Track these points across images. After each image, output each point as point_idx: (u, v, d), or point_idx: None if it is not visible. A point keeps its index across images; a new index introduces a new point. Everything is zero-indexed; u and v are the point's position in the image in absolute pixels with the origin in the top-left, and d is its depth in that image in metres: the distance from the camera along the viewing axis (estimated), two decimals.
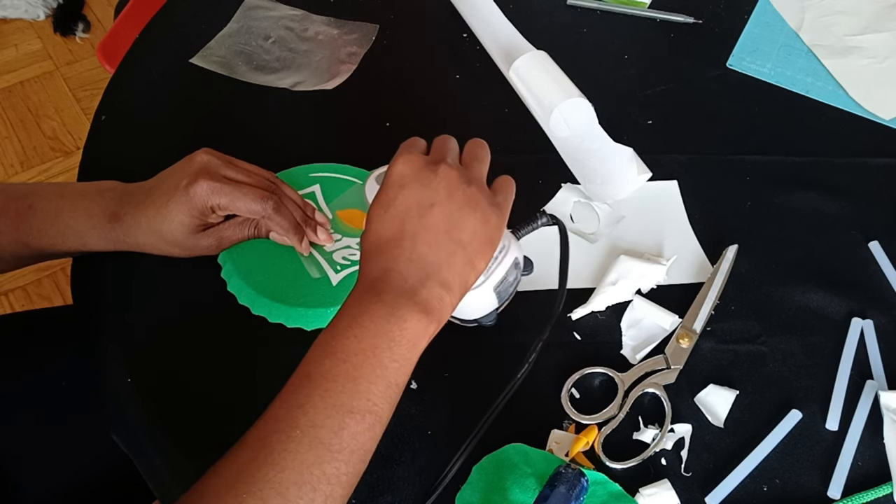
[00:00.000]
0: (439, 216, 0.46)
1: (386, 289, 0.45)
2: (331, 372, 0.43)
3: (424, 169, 0.47)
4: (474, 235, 0.47)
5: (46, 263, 1.54)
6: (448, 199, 0.47)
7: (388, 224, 0.47)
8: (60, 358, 0.74)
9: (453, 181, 0.47)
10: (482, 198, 0.48)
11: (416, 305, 0.44)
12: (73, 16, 2.00)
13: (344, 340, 0.44)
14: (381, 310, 0.44)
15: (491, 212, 0.48)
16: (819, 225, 0.67)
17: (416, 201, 0.47)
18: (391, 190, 0.47)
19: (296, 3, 0.85)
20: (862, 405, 0.56)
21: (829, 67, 0.78)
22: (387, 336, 0.44)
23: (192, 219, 0.58)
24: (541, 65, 0.73)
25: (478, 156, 0.51)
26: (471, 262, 0.47)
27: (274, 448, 0.41)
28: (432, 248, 0.46)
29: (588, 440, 0.54)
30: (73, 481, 0.71)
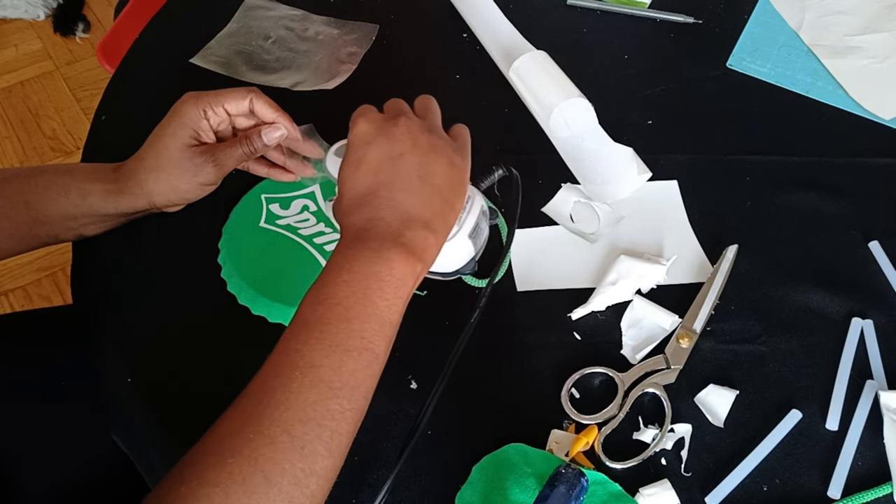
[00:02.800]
0: (409, 164, 0.48)
1: (371, 236, 0.46)
2: (325, 316, 0.44)
3: (386, 124, 0.50)
4: (445, 178, 0.49)
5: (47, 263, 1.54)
6: (413, 147, 0.49)
7: (362, 179, 0.48)
8: (60, 358, 0.74)
9: (415, 130, 0.50)
10: (444, 143, 0.51)
11: (401, 247, 0.46)
12: (73, 16, 2.00)
13: (334, 287, 0.45)
14: (369, 254, 0.46)
15: (455, 155, 0.51)
16: (819, 225, 0.67)
17: (385, 153, 0.49)
18: (359, 149, 0.49)
19: (296, 3, 0.85)
20: (862, 405, 0.56)
21: (829, 67, 0.78)
22: (376, 277, 0.45)
23: (186, 129, 0.60)
24: (541, 65, 0.73)
25: (430, 108, 0.54)
26: (448, 203, 0.49)
27: (276, 391, 0.42)
28: (410, 194, 0.48)
29: (588, 440, 0.54)
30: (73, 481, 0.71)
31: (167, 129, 0.60)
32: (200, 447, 0.42)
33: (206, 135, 0.61)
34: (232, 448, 0.41)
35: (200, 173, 0.61)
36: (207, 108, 0.60)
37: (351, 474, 0.54)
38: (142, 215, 0.64)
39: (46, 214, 0.59)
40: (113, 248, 0.65)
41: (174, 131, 0.60)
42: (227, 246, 0.63)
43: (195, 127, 0.60)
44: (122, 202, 0.60)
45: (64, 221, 0.60)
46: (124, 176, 0.60)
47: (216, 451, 0.41)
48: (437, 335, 0.59)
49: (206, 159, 0.61)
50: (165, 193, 0.61)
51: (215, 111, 0.61)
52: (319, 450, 0.42)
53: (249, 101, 0.62)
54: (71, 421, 0.71)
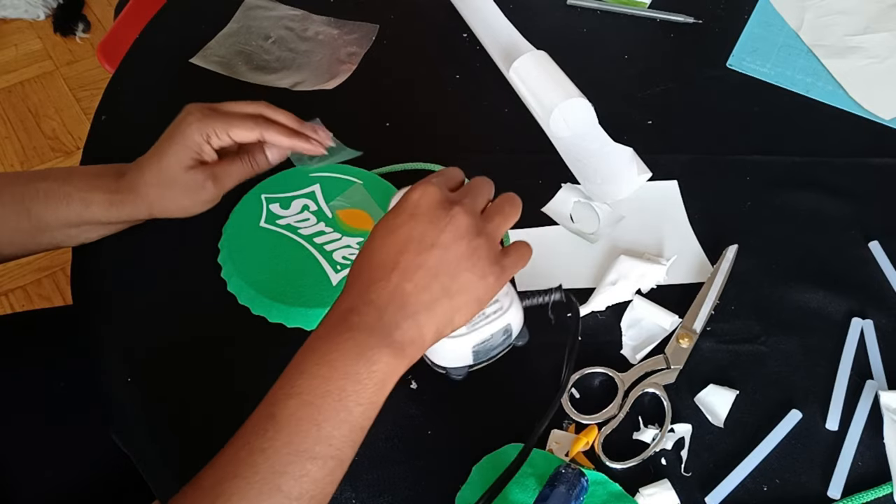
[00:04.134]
0: (435, 259, 0.45)
1: (360, 324, 0.44)
2: (295, 415, 0.42)
3: (439, 206, 0.46)
4: (464, 289, 0.45)
5: (47, 263, 1.54)
6: (451, 244, 0.45)
7: (385, 250, 0.45)
8: (60, 358, 0.73)
9: (462, 228, 0.46)
10: (486, 254, 0.46)
11: (387, 347, 0.43)
12: (73, 16, 2.00)
13: (311, 380, 0.43)
14: (352, 349, 0.43)
15: (490, 271, 0.46)
16: (819, 225, 0.67)
17: (419, 236, 0.45)
18: (400, 216, 0.46)
19: (296, 2, 0.85)
20: (862, 405, 0.56)
21: (829, 67, 0.78)
22: (354, 378, 0.43)
23: (189, 151, 0.59)
24: (541, 65, 0.73)
25: (503, 211, 0.49)
26: (451, 314, 0.45)
27: (232, 495, 0.40)
28: (418, 290, 0.44)
29: (588, 440, 0.54)
30: (73, 481, 0.71)
31: (170, 148, 0.59)
32: None
33: (208, 155, 0.61)
34: None
35: (201, 192, 0.61)
36: (212, 134, 0.60)
37: (351, 474, 0.54)
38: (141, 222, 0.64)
39: (48, 223, 0.60)
40: (113, 248, 0.65)
41: (176, 151, 0.59)
42: (227, 246, 0.63)
43: (197, 149, 0.60)
44: (123, 212, 0.61)
45: (66, 229, 0.60)
46: (125, 188, 0.60)
47: None
48: None
49: (206, 177, 0.60)
50: (166, 208, 0.61)
51: (220, 137, 0.60)
52: None
53: (259, 134, 0.61)
54: (71, 421, 0.71)
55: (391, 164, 0.70)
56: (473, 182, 0.50)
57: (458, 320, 0.46)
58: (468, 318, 0.47)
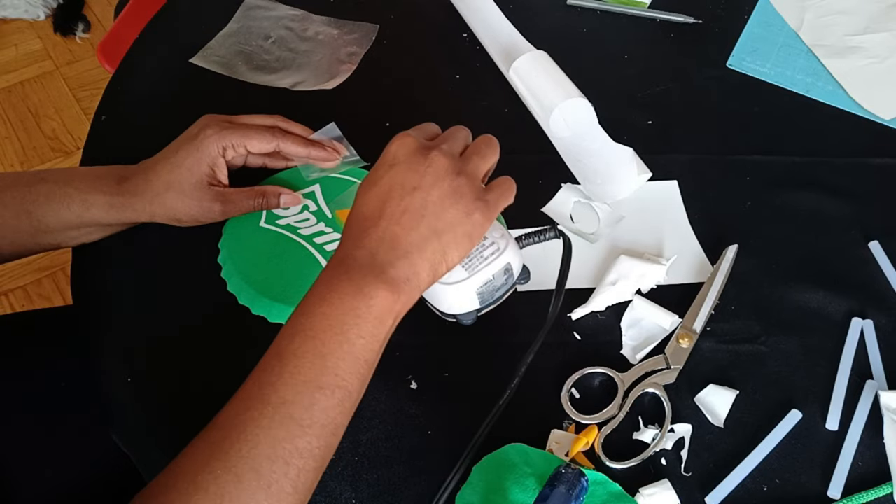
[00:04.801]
0: (419, 200, 0.47)
1: (355, 265, 0.46)
2: (300, 349, 0.44)
3: (417, 152, 0.48)
4: (451, 226, 0.47)
5: (47, 263, 1.54)
6: (432, 185, 0.47)
7: (370, 202, 0.48)
8: (60, 358, 0.74)
9: (441, 169, 0.48)
10: (469, 191, 0.48)
11: (383, 283, 0.45)
12: (73, 16, 2.00)
13: (312, 318, 0.44)
14: (349, 287, 0.45)
15: (475, 206, 0.48)
16: (819, 225, 0.67)
17: (400, 182, 0.47)
18: (381, 168, 0.48)
19: (296, 3, 0.85)
20: (862, 405, 0.56)
21: (829, 67, 0.78)
22: (354, 312, 0.44)
23: (203, 165, 0.59)
24: (541, 65, 0.73)
25: (480, 151, 0.51)
26: (442, 251, 0.47)
27: (246, 425, 0.42)
28: (406, 231, 0.46)
29: (588, 440, 0.54)
30: (73, 481, 0.71)
31: (185, 159, 0.60)
32: (167, 477, 0.42)
33: (220, 171, 0.61)
34: (198, 484, 0.41)
35: (205, 214, 0.61)
36: (228, 147, 0.60)
37: (351, 474, 0.54)
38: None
39: (48, 224, 0.60)
40: (113, 248, 0.65)
41: (191, 164, 0.60)
42: (227, 246, 0.63)
43: (212, 163, 0.60)
44: (124, 215, 0.61)
45: (66, 231, 0.60)
46: (129, 192, 0.60)
47: (182, 486, 0.41)
48: (437, 335, 0.59)
49: (213, 200, 0.61)
50: (168, 216, 0.61)
51: (236, 150, 0.61)
52: (286, 487, 0.42)
53: (275, 145, 0.62)
54: (71, 421, 0.71)
55: None
56: (449, 129, 0.52)
57: (452, 257, 0.48)
58: (461, 255, 0.48)
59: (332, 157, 0.65)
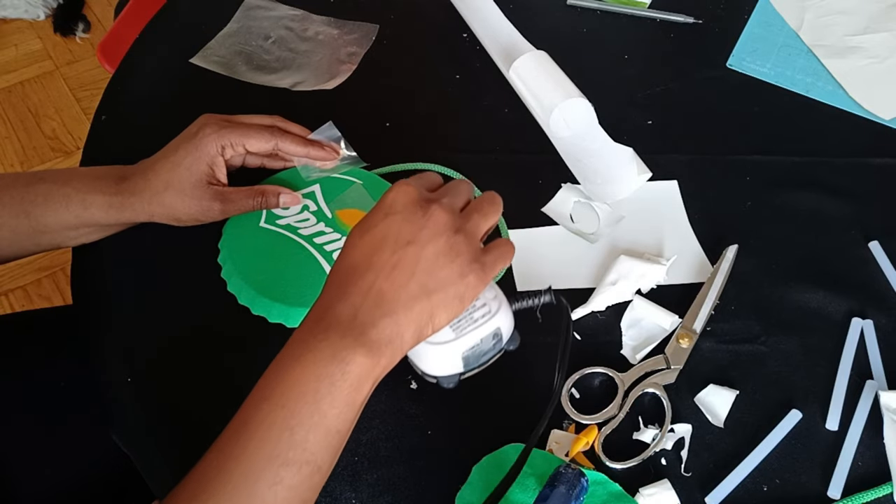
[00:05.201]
0: (412, 256, 0.43)
1: (334, 323, 0.42)
2: (267, 419, 0.41)
3: (416, 203, 0.45)
4: (443, 286, 0.44)
5: (47, 263, 1.54)
6: (428, 240, 0.44)
7: (360, 250, 0.44)
8: (60, 358, 0.73)
9: (440, 224, 0.44)
10: (466, 250, 0.45)
11: (362, 346, 0.42)
12: (73, 16, 2.00)
13: (283, 384, 0.42)
14: (325, 350, 0.42)
15: (470, 268, 0.44)
16: (819, 225, 0.67)
17: (395, 234, 0.44)
18: (376, 215, 0.45)
19: (296, 3, 0.85)
20: (862, 405, 0.56)
21: (829, 67, 0.78)
22: (328, 380, 0.41)
23: (202, 164, 0.59)
24: (541, 65, 0.73)
25: (482, 209, 0.48)
26: (430, 312, 0.44)
27: (208, 501, 0.40)
28: (394, 287, 0.43)
29: (588, 440, 0.54)
30: (73, 481, 0.71)
31: (184, 159, 0.60)
32: None
33: (219, 170, 0.61)
34: None
35: (205, 213, 0.61)
36: (228, 147, 0.60)
37: (351, 474, 0.54)
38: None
39: (47, 224, 0.60)
40: (113, 248, 0.65)
41: (190, 164, 0.60)
42: (227, 246, 0.63)
43: (211, 162, 0.60)
44: (123, 215, 0.60)
45: (65, 231, 0.60)
46: (128, 191, 0.60)
47: None
48: None
49: (213, 199, 0.61)
50: (167, 216, 0.61)
51: (235, 150, 0.61)
52: None
53: (274, 145, 0.62)
54: (71, 421, 0.71)
55: (391, 165, 0.70)
56: (451, 183, 0.49)
57: (439, 320, 0.44)
58: (450, 318, 0.45)
59: (330, 157, 0.66)
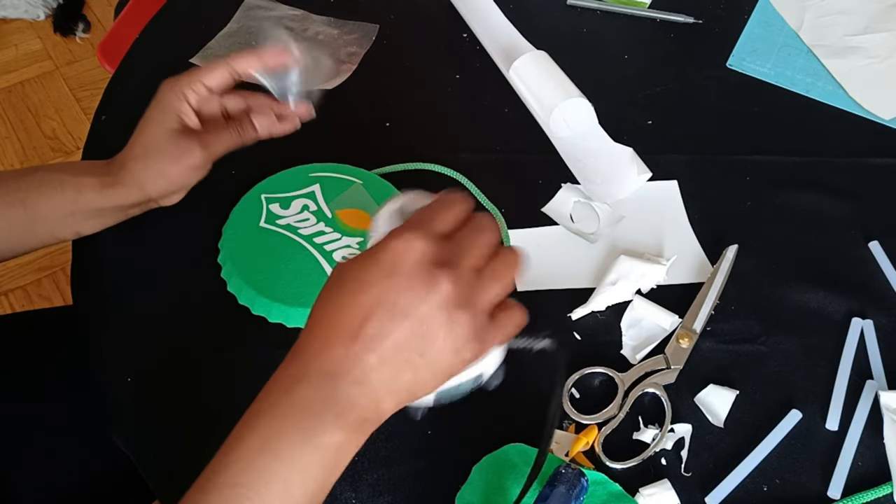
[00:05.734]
0: (406, 331, 0.38)
1: (310, 400, 0.38)
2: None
3: (423, 268, 0.38)
4: (433, 362, 0.39)
5: (47, 263, 1.54)
6: (428, 316, 0.38)
7: (349, 311, 0.39)
8: (60, 358, 0.74)
9: (444, 299, 0.38)
10: (467, 329, 0.39)
11: (341, 428, 0.39)
12: (73, 16, 2.00)
13: (251, 471, 0.38)
14: (298, 436, 0.38)
15: (467, 347, 0.40)
16: (819, 225, 0.67)
17: (392, 302, 0.38)
18: (374, 270, 0.39)
19: (296, 2, 0.85)
20: (862, 405, 0.56)
21: (829, 67, 0.78)
22: (301, 467, 0.38)
23: (168, 115, 0.59)
24: (541, 65, 0.73)
25: (498, 274, 0.41)
26: (413, 389, 0.40)
27: None
28: (380, 363, 0.39)
29: (588, 440, 0.54)
30: (73, 481, 0.71)
31: (150, 116, 0.60)
32: None
33: (188, 118, 0.60)
34: None
35: (187, 156, 0.60)
36: (186, 89, 0.59)
37: (351, 474, 0.54)
38: (139, 211, 0.64)
39: (43, 212, 0.59)
40: (113, 248, 0.65)
41: (155, 117, 0.60)
42: (226, 246, 0.63)
43: (176, 111, 0.59)
44: (116, 194, 0.60)
45: (61, 219, 0.60)
46: (115, 168, 0.60)
47: None
48: None
49: (191, 141, 0.60)
50: (155, 180, 0.60)
51: (195, 89, 0.60)
52: None
53: (228, 68, 0.60)
54: (71, 421, 0.71)
55: (391, 165, 0.70)
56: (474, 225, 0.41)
57: (422, 391, 0.40)
58: (434, 389, 0.41)
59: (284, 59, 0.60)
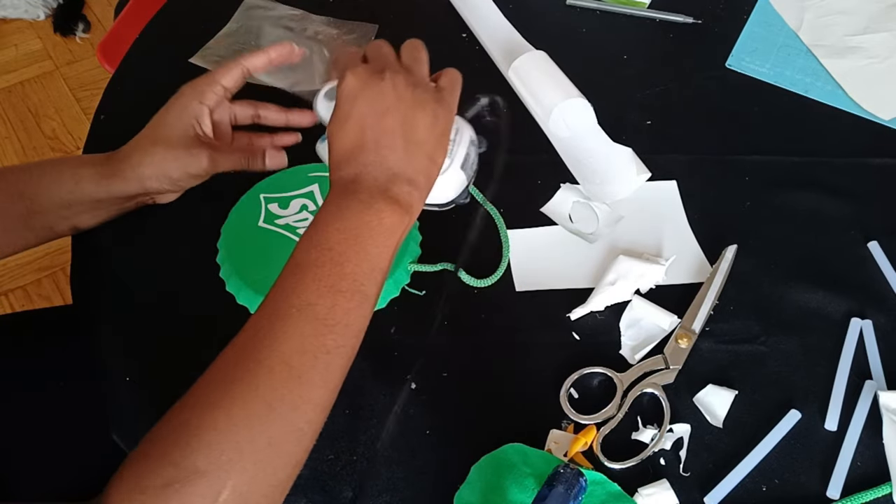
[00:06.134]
0: (393, 120, 0.49)
1: (360, 188, 0.48)
2: (318, 259, 0.46)
3: (371, 79, 0.50)
4: (428, 133, 0.50)
5: (47, 263, 1.54)
6: (398, 103, 0.49)
7: (349, 135, 0.49)
8: (60, 358, 0.74)
9: (400, 86, 0.50)
10: (428, 97, 0.51)
11: (389, 200, 0.48)
12: (73, 16, 2.00)
13: (327, 233, 0.47)
14: (359, 205, 0.48)
15: (439, 107, 0.51)
16: (819, 225, 0.67)
17: (370, 109, 0.49)
18: (345, 104, 0.50)
19: (295, 2, 0.85)
20: (861, 405, 0.56)
21: (828, 67, 0.78)
22: (367, 226, 0.47)
23: (186, 115, 0.61)
24: (540, 65, 0.73)
25: (417, 58, 0.54)
26: (430, 157, 0.51)
27: (274, 325, 0.44)
28: (393, 151, 0.49)
29: (587, 440, 0.54)
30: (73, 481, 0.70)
31: (167, 116, 0.61)
32: (203, 378, 0.44)
33: (204, 124, 0.62)
34: (233, 377, 0.43)
35: (194, 165, 0.61)
36: (206, 89, 0.62)
37: (350, 474, 0.54)
38: (134, 205, 0.64)
39: (40, 203, 0.60)
40: (113, 248, 0.65)
41: (172, 118, 0.61)
42: (225, 245, 0.63)
43: (195, 115, 0.61)
44: (113, 186, 0.61)
45: (58, 210, 0.61)
46: (118, 159, 0.61)
47: (218, 380, 0.44)
48: (436, 336, 0.59)
49: (202, 151, 0.61)
50: (157, 179, 0.61)
51: (214, 91, 0.62)
52: (315, 380, 0.44)
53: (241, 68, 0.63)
54: (71, 421, 0.71)
55: None
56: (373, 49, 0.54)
57: (438, 159, 0.51)
58: (444, 154, 0.52)
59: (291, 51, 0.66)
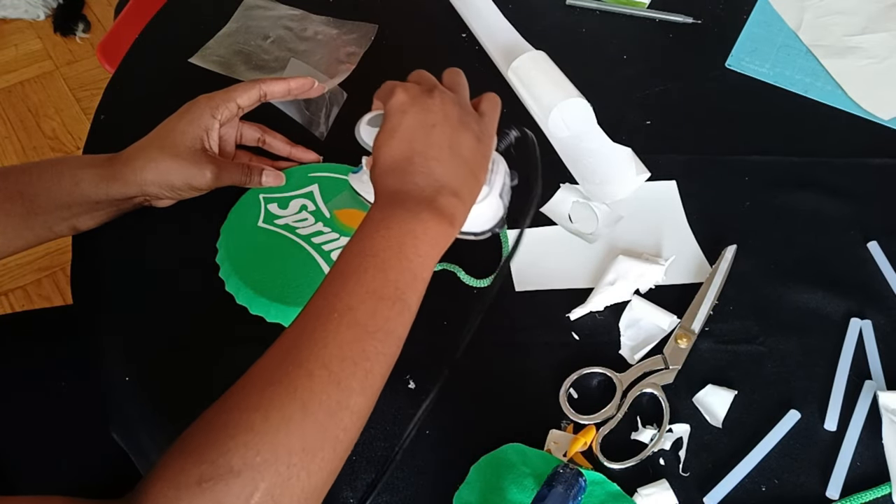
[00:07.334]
0: (441, 135, 0.51)
1: (406, 198, 0.49)
2: (361, 265, 0.47)
3: (421, 96, 0.52)
4: (472, 151, 0.51)
5: (47, 263, 1.54)
6: (445, 119, 0.51)
7: (397, 147, 0.51)
8: (60, 358, 0.74)
9: (448, 104, 0.52)
10: (471, 119, 0.53)
11: (434, 211, 0.48)
12: (73, 16, 2.00)
13: (372, 241, 0.48)
14: (405, 214, 0.48)
15: (481, 129, 0.53)
16: (818, 225, 0.67)
17: (419, 123, 0.51)
18: (394, 117, 0.51)
19: (295, 2, 0.85)
20: (860, 405, 0.56)
21: (828, 67, 0.78)
22: (411, 235, 0.48)
23: (196, 128, 0.62)
24: (540, 65, 0.73)
25: (459, 82, 0.56)
26: (473, 175, 0.52)
27: (315, 329, 0.44)
28: (440, 163, 0.50)
29: (586, 440, 0.54)
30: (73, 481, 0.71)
31: (178, 124, 0.62)
32: (242, 380, 0.44)
33: (212, 137, 0.62)
34: (271, 379, 0.43)
35: (198, 177, 0.62)
36: (220, 104, 0.63)
37: (348, 473, 0.54)
38: (131, 207, 0.64)
39: (39, 204, 0.60)
40: (113, 248, 0.65)
41: (185, 128, 0.62)
42: (225, 245, 0.63)
43: (205, 128, 0.62)
44: (113, 188, 0.61)
45: (57, 211, 0.61)
46: (119, 162, 0.61)
47: (257, 383, 0.44)
48: (436, 335, 0.59)
49: (207, 163, 0.62)
50: (158, 185, 0.62)
51: (228, 106, 0.63)
52: (354, 386, 0.44)
53: (259, 91, 0.65)
54: (71, 420, 0.71)
55: None
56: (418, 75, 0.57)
57: (480, 177, 0.53)
58: (485, 174, 0.54)
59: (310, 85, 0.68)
